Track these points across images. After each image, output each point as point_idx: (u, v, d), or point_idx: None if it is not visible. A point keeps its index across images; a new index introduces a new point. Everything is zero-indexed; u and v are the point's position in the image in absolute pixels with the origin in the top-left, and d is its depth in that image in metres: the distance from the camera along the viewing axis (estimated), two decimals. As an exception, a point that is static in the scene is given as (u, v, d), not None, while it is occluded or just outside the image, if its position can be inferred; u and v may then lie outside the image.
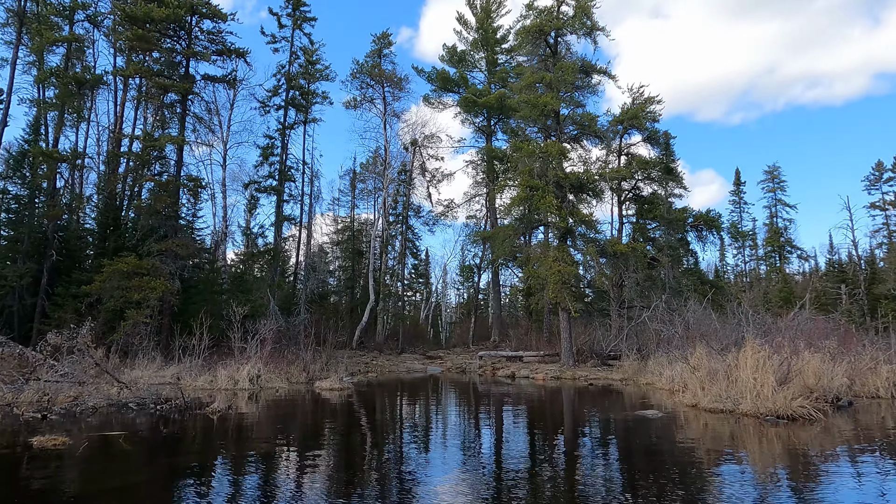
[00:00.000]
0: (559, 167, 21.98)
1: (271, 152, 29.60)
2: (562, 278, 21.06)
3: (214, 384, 18.37)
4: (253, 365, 18.62)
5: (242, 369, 18.53)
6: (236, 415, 12.69)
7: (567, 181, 22.33)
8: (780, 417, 10.91)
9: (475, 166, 41.36)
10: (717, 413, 12.05)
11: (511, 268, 41.73)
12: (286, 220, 29.77)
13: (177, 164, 26.16)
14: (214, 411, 12.20)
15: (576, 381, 22.77)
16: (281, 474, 7.91)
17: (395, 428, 12.03)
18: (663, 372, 19.27)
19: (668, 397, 15.91)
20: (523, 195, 21.14)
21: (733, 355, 13.22)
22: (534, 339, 33.43)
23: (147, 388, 16.20)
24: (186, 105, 25.87)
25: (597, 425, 11.92)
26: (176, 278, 24.89)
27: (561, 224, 21.63)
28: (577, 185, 22.70)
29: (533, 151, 22.06)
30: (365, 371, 27.44)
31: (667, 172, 26.76)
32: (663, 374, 18.90)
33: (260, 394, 17.82)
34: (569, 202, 22.26)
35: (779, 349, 12.43)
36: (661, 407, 13.45)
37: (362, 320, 34.98)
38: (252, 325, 22.28)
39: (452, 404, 17.03)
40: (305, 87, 32.25)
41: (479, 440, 10.46)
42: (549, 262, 20.89)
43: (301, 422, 12.62)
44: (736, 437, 10.02)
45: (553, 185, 21.89)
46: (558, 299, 21.64)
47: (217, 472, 8.05)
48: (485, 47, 40.83)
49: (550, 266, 20.84)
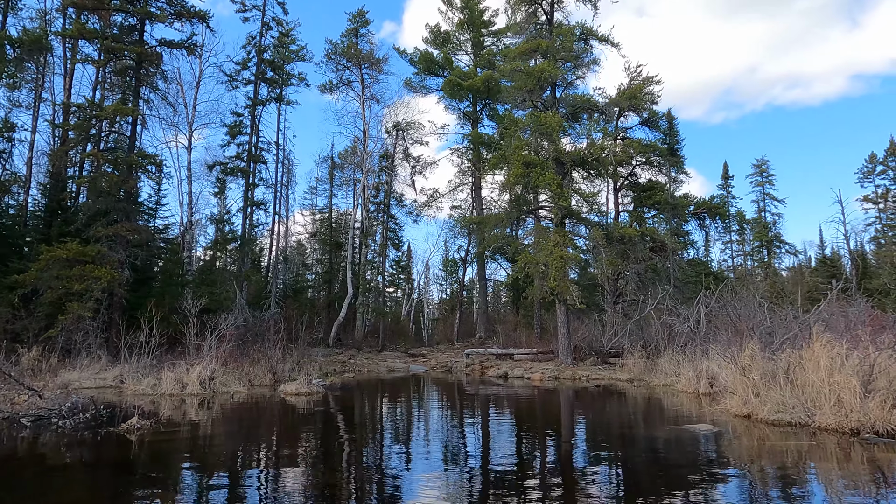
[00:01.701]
0: (559, 141, 19.13)
1: (239, 130, 26.32)
2: (564, 265, 18.20)
3: (158, 389, 15.16)
4: (206, 366, 15.44)
5: (192, 371, 15.34)
6: (161, 432, 9.56)
7: (568, 157, 19.48)
8: (879, 434, 8.12)
9: (460, 154, 38.39)
10: (784, 427, 9.25)
11: (498, 261, 38.90)
12: (255, 206, 26.57)
13: (130, 139, 22.80)
14: (132, 428, 9.07)
15: (576, 381, 19.94)
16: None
17: (368, 451, 9.00)
18: (680, 371, 16.51)
19: (702, 403, 13.10)
20: (519, 171, 18.23)
21: (788, 353, 10.42)
22: (523, 336, 30.56)
23: (68, 395, 12.99)
24: (141, 73, 22.51)
25: (646, 449, 8.79)
26: (126, 267, 21.55)
27: (563, 203, 18.74)
28: (578, 161, 19.88)
29: (529, 125, 19.17)
30: (341, 371, 24.34)
31: (671, 154, 24.02)
32: (681, 374, 16.12)
33: (213, 400, 14.69)
34: (570, 180, 19.44)
35: (856, 344, 9.66)
36: (706, 418, 10.60)
37: (339, 316, 31.84)
38: (212, 321, 19.09)
39: (440, 413, 14.04)
40: (278, 62, 28.97)
41: (483, 476, 7.45)
42: (550, 247, 18.00)
43: (243, 444, 9.52)
44: (856, 470, 7.19)
45: (552, 160, 19.05)
46: (560, 289, 18.78)
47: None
48: (470, 28, 37.85)
49: (551, 251, 17.95)
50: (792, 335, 12.87)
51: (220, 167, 26.13)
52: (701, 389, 14.53)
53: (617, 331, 23.51)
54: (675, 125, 25.74)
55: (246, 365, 18.69)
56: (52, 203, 24.12)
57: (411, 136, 36.13)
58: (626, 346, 22.00)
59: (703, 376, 14.61)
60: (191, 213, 29.13)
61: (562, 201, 18.66)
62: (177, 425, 10.36)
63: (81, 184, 21.35)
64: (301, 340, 24.80)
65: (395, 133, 34.95)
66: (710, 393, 14.47)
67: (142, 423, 9.30)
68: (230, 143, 26.70)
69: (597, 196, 19.79)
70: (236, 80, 27.13)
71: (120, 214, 21.91)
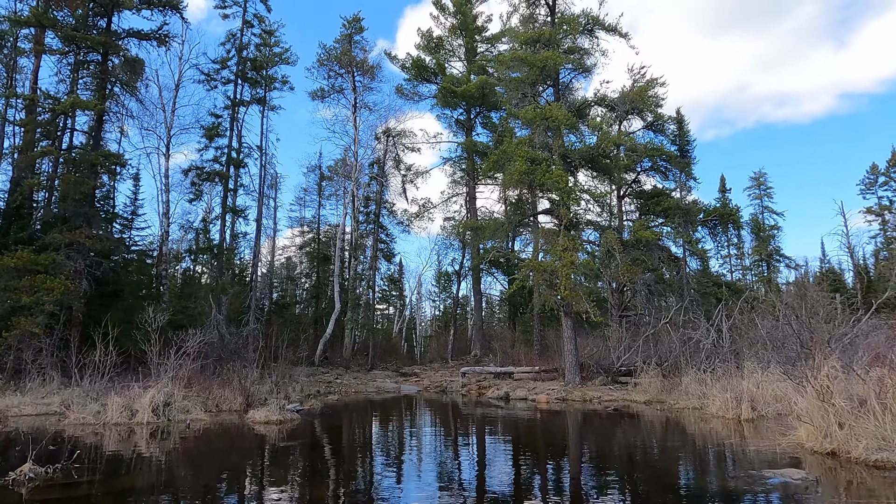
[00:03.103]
0: (565, 136, 16.89)
1: (217, 132, 23.96)
2: (576, 271, 15.87)
3: (103, 417, 12.57)
4: (159, 390, 12.89)
5: (145, 395, 12.78)
6: (59, 484, 7.01)
7: (576, 154, 17.25)
8: None
9: (453, 164, 36.20)
10: (892, 471, 6.87)
11: (494, 274, 36.53)
12: (235, 213, 24.08)
13: (94, 138, 20.40)
14: (21, 479, 6.55)
15: (586, 403, 17.51)
16: None
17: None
18: (710, 392, 14.10)
19: (753, 433, 10.71)
20: (522, 168, 15.93)
21: (881, 373, 8.09)
22: (522, 353, 28.07)
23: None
24: (107, 67, 20.19)
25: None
26: (84, 278, 18.96)
27: (573, 202, 16.44)
28: (587, 159, 17.66)
29: (533, 118, 16.96)
30: (325, 392, 21.75)
31: (681, 156, 21.87)
32: (713, 396, 13.71)
33: (168, 429, 12.13)
34: (576, 182, 17.17)
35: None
36: (778, 457, 8.21)
37: (326, 332, 29.26)
38: (180, 337, 16.58)
39: (436, 447, 11.55)
40: (260, 61, 26.72)
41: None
42: (558, 252, 15.66)
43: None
44: None
45: (559, 157, 16.81)
46: (571, 299, 16.41)
47: None
48: (463, 34, 35.91)
49: (560, 256, 15.61)
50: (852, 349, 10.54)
51: (195, 171, 23.74)
52: (742, 415, 12.14)
53: (627, 347, 21.13)
54: (685, 125, 23.61)
55: (214, 387, 16.14)
56: (9, 208, 21.58)
57: (403, 143, 33.92)
58: (639, 364, 19.61)
59: (745, 399, 12.22)
60: (167, 224, 26.62)
61: (571, 201, 16.37)
62: (90, 472, 7.81)
63: (32, 185, 18.80)
64: (282, 359, 22.20)
65: (385, 140, 32.70)
66: (753, 419, 12.11)
67: (37, 472, 6.78)
68: (208, 147, 24.37)
69: (608, 197, 17.53)
70: (215, 79, 24.87)
71: (80, 220, 19.42)
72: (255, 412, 12.94)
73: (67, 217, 19.87)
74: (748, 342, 16.18)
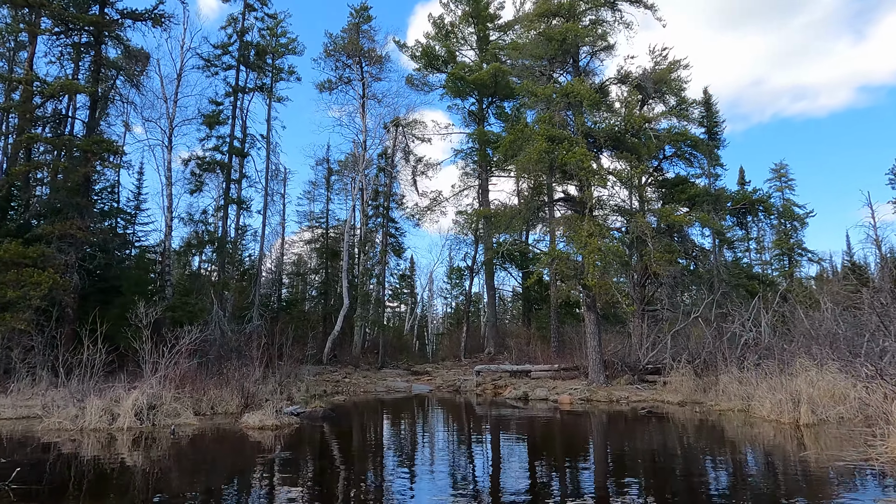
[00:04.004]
0: (590, 113, 15.27)
1: (217, 120, 22.62)
2: (604, 258, 14.27)
3: (81, 421, 11.19)
4: (143, 391, 11.49)
5: (128, 397, 11.39)
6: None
7: (601, 133, 15.64)
8: None
9: (465, 155, 34.64)
10: None
11: (508, 269, 34.92)
12: (237, 204, 22.71)
13: (88, 125, 19.12)
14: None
15: (613, 404, 15.92)
16: None
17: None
18: (758, 393, 12.46)
19: (822, 441, 9.10)
20: (542, 146, 14.33)
21: None
22: (539, 351, 26.46)
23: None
24: (100, 49, 18.91)
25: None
26: (75, 271, 17.66)
27: (599, 183, 14.82)
28: (613, 138, 16.04)
29: (552, 95, 15.35)
30: (332, 392, 20.33)
31: (710, 137, 20.14)
32: (761, 397, 12.06)
33: (153, 434, 10.75)
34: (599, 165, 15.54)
35: None
36: (877, 472, 6.63)
37: (335, 329, 27.84)
38: (173, 334, 15.18)
39: (454, 458, 10.05)
40: (263, 47, 25.33)
41: None
42: (583, 238, 14.07)
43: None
44: None
45: (582, 136, 15.21)
46: (600, 290, 14.83)
47: None
48: (475, 21, 34.35)
49: (585, 243, 14.02)
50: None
51: (196, 161, 22.44)
52: (801, 419, 10.50)
53: (653, 343, 19.50)
54: (713, 106, 21.83)
55: (210, 387, 14.73)
56: (1, 200, 20.36)
57: (413, 134, 32.42)
58: (668, 361, 17.98)
59: (805, 401, 10.58)
60: (170, 218, 25.31)
61: (597, 181, 14.76)
62: (23, 498, 6.37)
63: (18, 172, 17.52)
64: (286, 357, 20.79)
65: (394, 130, 31.22)
66: (814, 424, 10.47)
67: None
68: (209, 137, 23.05)
69: (637, 177, 15.87)
70: (215, 65, 23.52)
71: (72, 210, 18.13)
72: (250, 416, 11.50)
73: (60, 208, 18.61)
74: (799, 337, 14.51)
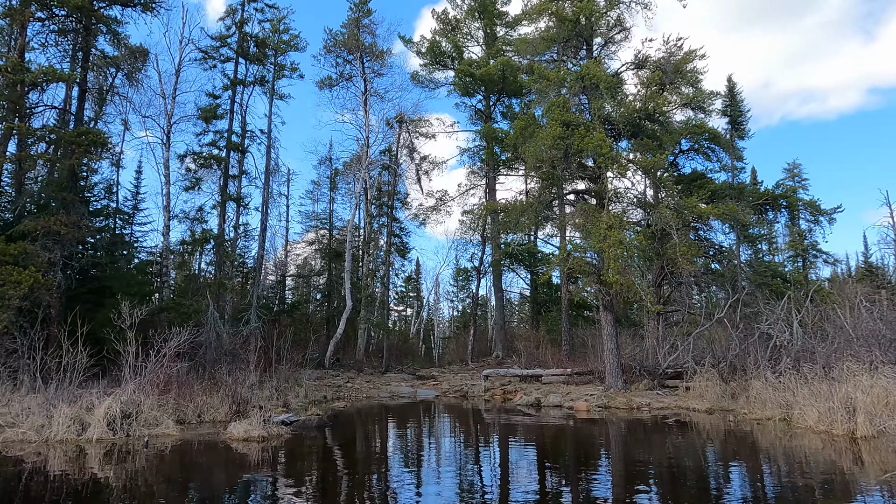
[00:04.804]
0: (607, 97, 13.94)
1: (214, 114, 21.46)
2: (626, 252, 12.91)
3: (48, 431, 9.96)
4: (117, 398, 10.25)
5: (100, 405, 10.15)
6: None
7: (621, 117, 14.32)
8: None
9: (472, 154, 33.39)
10: None
11: (516, 270, 33.58)
12: (234, 201, 21.48)
13: (76, 117, 18.02)
14: None
15: (633, 411, 14.58)
16: None
17: None
18: (799, 401, 11.09)
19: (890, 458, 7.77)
20: (556, 132, 13.01)
21: None
22: (549, 354, 25.07)
23: None
24: (89, 37, 17.83)
25: None
26: (58, 270, 16.49)
27: (620, 171, 13.47)
28: (632, 124, 14.70)
29: (564, 78, 14.04)
30: (333, 398, 19.08)
31: (734, 127, 18.74)
32: (804, 405, 10.69)
33: (127, 446, 9.51)
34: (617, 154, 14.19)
35: None
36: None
37: (337, 332, 26.58)
38: (160, 336, 14.00)
39: (459, 478, 8.77)
40: (262, 37, 24.18)
41: None
42: (602, 230, 12.73)
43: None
44: None
45: (598, 121, 13.90)
46: (625, 287, 13.46)
47: None
48: (482, 16, 33.14)
49: (604, 236, 12.66)
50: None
51: (192, 157, 21.28)
52: (858, 431, 9.12)
53: (673, 346, 18.12)
54: (737, 94, 20.42)
55: (198, 393, 13.49)
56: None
57: (418, 131, 31.22)
58: (690, 365, 16.60)
59: (861, 409, 9.21)
60: (168, 217, 24.15)
61: (618, 169, 13.42)
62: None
63: (2, 163, 16.42)
64: (285, 360, 19.55)
65: (398, 126, 30.03)
66: (871, 436, 9.10)
67: None
68: (206, 132, 21.88)
69: (660, 165, 14.48)
70: (213, 57, 22.41)
71: (57, 205, 16.98)
72: (236, 425, 10.22)
73: (44, 203, 17.50)
74: (838, 338, 13.11)
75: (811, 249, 45.30)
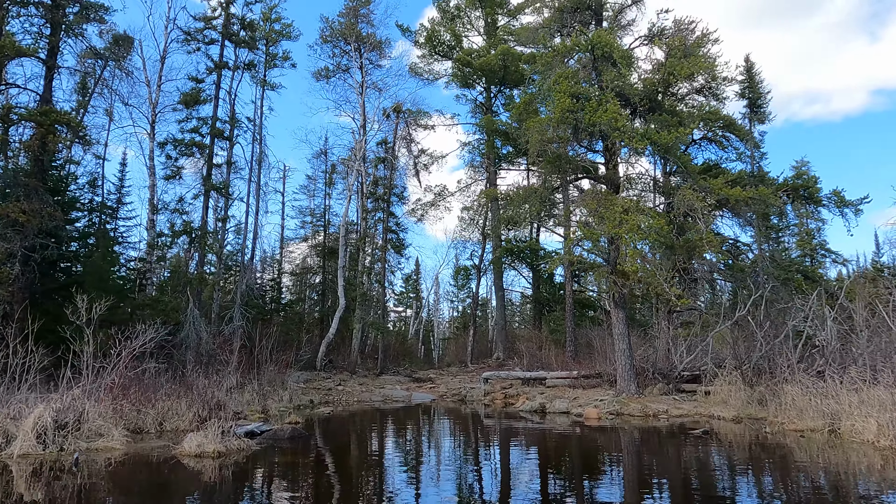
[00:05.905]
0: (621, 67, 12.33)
1: (197, 99, 19.86)
2: (647, 238, 11.28)
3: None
4: (49, 405, 8.61)
5: (30, 414, 8.52)
6: None
7: (637, 91, 12.70)
8: None
9: (472, 148, 31.79)
10: None
11: (517, 268, 31.92)
12: (217, 191, 19.85)
13: (43, 97, 16.43)
14: None
15: (649, 419, 12.91)
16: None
17: None
18: (847, 409, 9.41)
19: None
20: (566, 104, 11.38)
21: None
22: (553, 356, 23.39)
23: None
24: (56, 9, 16.26)
25: None
26: (17, 261, 14.88)
27: (638, 145, 11.83)
28: (650, 97, 13.09)
29: (572, 47, 12.43)
30: (321, 402, 17.42)
31: (753, 110, 17.09)
32: (858, 415, 9.01)
33: (56, 464, 7.88)
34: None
35: None
36: None
37: (329, 331, 24.95)
38: (122, 334, 12.35)
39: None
40: (250, 18, 22.62)
41: None
42: (618, 215, 11.08)
43: None
44: None
45: (612, 93, 12.28)
46: (646, 279, 11.80)
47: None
48: (483, 4, 31.53)
49: (620, 220, 11.01)
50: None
51: (172, 144, 19.68)
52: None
53: (689, 347, 16.45)
54: (755, 74, 18.76)
55: (161, 398, 11.85)
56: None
57: (417, 122, 29.61)
58: (710, 368, 14.93)
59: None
60: (152, 210, 22.54)
61: (636, 143, 11.76)
62: None
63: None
64: (270, 362, 17.91)
65: (395, 117, 28.42)
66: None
67: None
68: (189, 118, 20.29)
69: (684, 139, 12.83)
70: (196, 39, 20.80)
71: (18, 191, 15.39)
72: (190, 439, 8.54)
73: (5, 190, 15.92)
74: (882, 339, 11.45)
75: (819, 248, 43.53)
